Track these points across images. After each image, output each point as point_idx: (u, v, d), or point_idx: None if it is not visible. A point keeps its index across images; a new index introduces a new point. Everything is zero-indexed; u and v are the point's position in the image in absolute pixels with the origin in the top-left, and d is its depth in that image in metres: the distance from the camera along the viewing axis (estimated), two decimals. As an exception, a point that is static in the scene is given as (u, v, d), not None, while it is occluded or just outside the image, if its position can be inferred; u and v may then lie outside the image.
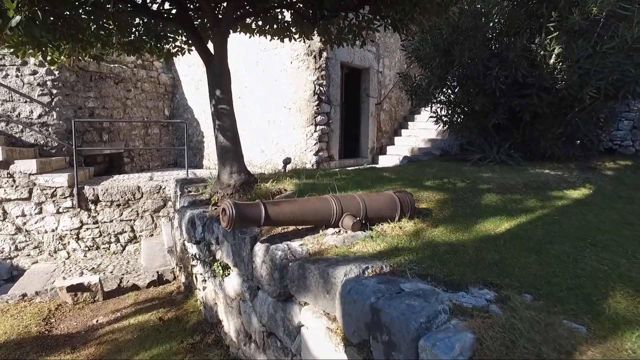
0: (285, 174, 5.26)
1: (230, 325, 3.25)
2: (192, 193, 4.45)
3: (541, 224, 3.16)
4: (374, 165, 10.00)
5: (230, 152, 3.84)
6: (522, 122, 6.14)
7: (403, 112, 11.99)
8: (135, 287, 4.96)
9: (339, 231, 2.78)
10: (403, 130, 11.50)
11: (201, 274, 3.46)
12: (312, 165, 8.89)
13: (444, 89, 6.60)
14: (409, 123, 11.71)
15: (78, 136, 7.76)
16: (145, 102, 9.50)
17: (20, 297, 4.56)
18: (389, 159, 10.38)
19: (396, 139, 11.23)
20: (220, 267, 3.05)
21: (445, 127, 7.61)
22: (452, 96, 6.65)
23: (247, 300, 2.82)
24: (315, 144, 9.04)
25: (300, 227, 2.80)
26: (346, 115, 9.99)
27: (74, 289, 4.41)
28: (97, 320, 4.10)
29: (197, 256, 3.31)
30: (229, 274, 3.07)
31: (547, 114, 5.85)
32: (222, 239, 3.06)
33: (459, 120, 6.74)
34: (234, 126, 3.90)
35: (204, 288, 3.90)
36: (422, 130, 11.15)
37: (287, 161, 5.50)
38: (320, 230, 2.76)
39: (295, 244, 2.50)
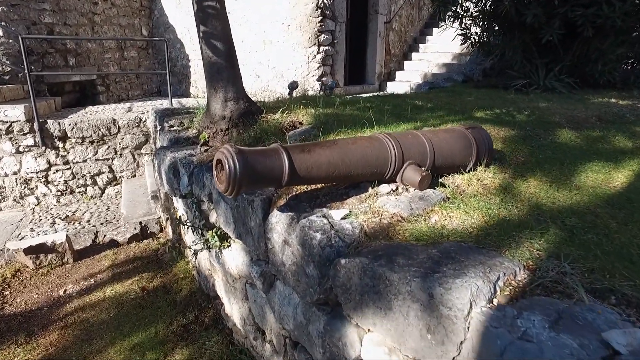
0: (293, 101, 4.22)
1: (233, 309, 2.45)
2: (175, 128, 3.44)
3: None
4: (391, 92, 8.87)
5: (224, 70, 2.77)
6: (577, 40, 5.01)
7: (413, 33, 10.60)
8: (113, 243, 4.12)
9: (397, 188, 1.85)
10: (413, 54, 10.21)
11: (193, 241, 2.58)
12: (316, 93, 7.76)
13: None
14: (420, 45, 10.38)
15: (37, 59, 6.47)
16: (117, 19, 8.00)
17: (-32, 259, 3.71)
18: (399, 86, 9.23)
19: (406, 63, 9.98)
20: (216, 237, 2.17)
21: (473, 47, 6.41)
22: (491, 6, 5.40)
23: (258, 289, 1.97)
24: (318, 68, 7.83)
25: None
26: (351, 36, 8.63)
27: (34, 251, 3.54)
28: (64, 291, 3.28)
29: (184, 221, 2.40)
30: (229, 246, 2.20)
31: (610, 29, 4.71)
32: (217, 198, 2.13)
33: (494, 38, 5.54)
34: (228, 32, 2.80)
35: (195, 253, 3.05)
36: (435, 53, 9.87)
37: (293, 85, 4.42)
38: (370, 187, 1.83)
39: (336, 215, 1.58)
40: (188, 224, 2.34)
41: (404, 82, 9.33)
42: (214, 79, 2.77)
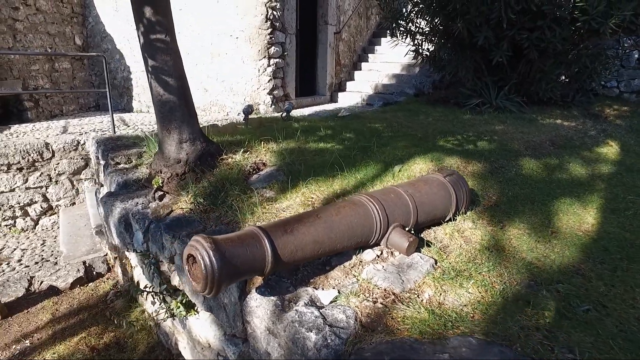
0: (249, 125, 3.99)
1: (202, 376, 2.21)
2: (122, 166, 3.10)
3: (621, 207, 2.37)
4: (342, 104, 8.82)
5: (177, 109, 2.51)
6: (522, 60, 5.23)
7: (362, 43, 10.68)
8: (53, 290, 3.65)
9: (382, 253, 1.73)
10: (363, 64, 10.28)
11: (155, 310, 2.26)
12: (267, 107, 7.54)
13: (435, 18, 5.41)
14: (369, 55, 10.47)
15: (-52, 74, 5.68)
16: (45, 27, 7.25)
17: None
18: (350, 97, 9.25)
19: (356, 73, 10.01)
20: (181, 307, 1.92)
21: (423, 62, 6.52)
22: (442, 27, 5.50)
23: (236, 370, 1.76)
24: (269, 81, 7.62)
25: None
26: (301, 47, 8.50)
27: (-48, 310, 3.04)
28: (-8, 360, 2.84)
29: (142, 288, 2.10)
30: (197, 314, 1.96)
31: (551, 51, 4.96)
32: (179, 264, 1.89)
33: (447, 56, 5.66)
34: (180, 67, 2.54)
35: (155, 309, 2.76)
36: (385, 64, 10.00)
37: (248, 110, 4.19)
38: (353, 255, 1.69)
39: (324, 297, 1.43)
40: (147, 289, 2.06)
41: (354, 92, 9.35)
42: (167, 118, 2.50)
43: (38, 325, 3.21)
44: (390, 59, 9.94)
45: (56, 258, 4.60)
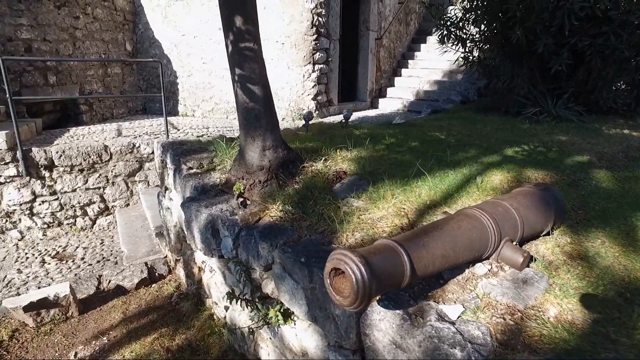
0: (308, 133, 4.03)
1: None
2: (195, 171, 3.17)
3: None
4: (383, 109, 8.80)
5: (262, 117, 2.56)
6: (581, 68, 5.09)
7: (401, 49, 10.62)
8: (120, 290, 3.77)
9: (491, 267, 1.71)
10: (403, 70, 10.22)
11: (250, 318, 2.26)
12: (311, 110, 7.60)
13: (491, 25, 5.32)
14: (409, 61, 10.40)
15: (14, 78, 5.97)
16: (100, 34, 7.54)
17: (-44, 319, 3.28)
18: (390, 103, 9.22)
19: (396, 79, 9.97)
20: (280, 316, 1.94)
21: (472, 69, 6.43)
22: (498, 34, 5.40)
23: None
24: (313, 87, 7.69)
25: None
26: (342, 53, 8.52)
27: (34, 307, 3.17)
28: (75, 354, 2.93)
29: (230, 292, 2.12)
30: (293, 323, 1.98)
31: (615, 58, 4.80)
32: (280, 272, 1.91)
33: (501, 63, 5.54)
34: (265, 75, 2.59)
35: (227, 308, 2.80)
36: (425, 70, 9.92)
37: (309, 117, 4.23)
38: (466, 269, 1.68)
39: (450, 312, 1.42)
40: (241, 297, 2.10)
41: (395, 99, 9.30)
42: (251, 126, 2.55)
43: (112, 323, 3.32)
44: (430, 65, 9.85)
45: (116, 257, 4.76)
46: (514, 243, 1.75)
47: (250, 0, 2.44)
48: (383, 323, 1.45)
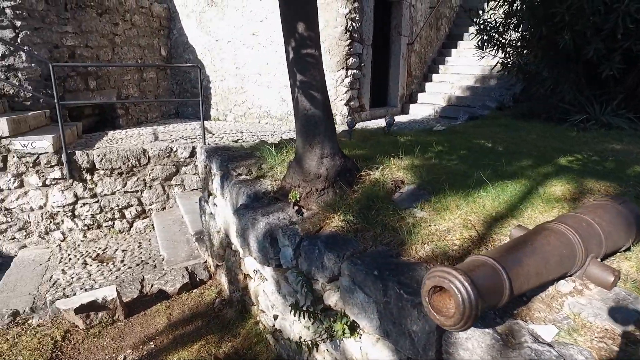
0: (351, 140, 3.99)
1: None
2: (244, 177, 3.17)
3: None
4: (414, 115, 8.72)
5: (321, 123, 2.53)
6: (631, 73, 4.90)
7: (432, 54, 10.50)
8: (163, 295, 3.80)
9: (575, 286, 1.63)
10: (434, 75, 10.11)
11: (313, 331, 2.22)
12: (344, 117, 7.58)
13: (538, 30, 5.18)
14: (440, 67, 10.27)
15: (59, 83, 6.14)
16: (137, 40, 7.72)
17: (10, 319, 3.35)
18: (421, 109, 9.12)
19: (427, 85, 9.85)
20: (345, 327, 1.90)
21: (509, 74, 6.29)
22: (544, 39, 5.25)
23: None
24: (346, 92, 7.67)
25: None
26: (374, 57, 8.47)
27: (84, 309, 3.22)
28: (124, 358, 2.96)
29: (294, 304, 2.08)
30: (359, 337, 1.94)
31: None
32: (348, 285, 1.86)
33: (546, 68, 5.39)
34: (324, 82, 2.57)
35: (275, 317, 2.78)
36: (456, 75, 9.77)
37: (352, 123, 4.18)
38: (550, 287, 1.60)
39: (544, 333, 1.35)
40: (304, 308, 2.07)
41: (426, 104, 9.19)
42: (310, 133, 2.52)
43: (157, 328, 3.34)
44: (462, 71, 9.71)
45: (154, 261, 4.80)
46: (613, 267, 1.66)
47: (312, 7, 2.42)
48: (471, 342, 1.39)
